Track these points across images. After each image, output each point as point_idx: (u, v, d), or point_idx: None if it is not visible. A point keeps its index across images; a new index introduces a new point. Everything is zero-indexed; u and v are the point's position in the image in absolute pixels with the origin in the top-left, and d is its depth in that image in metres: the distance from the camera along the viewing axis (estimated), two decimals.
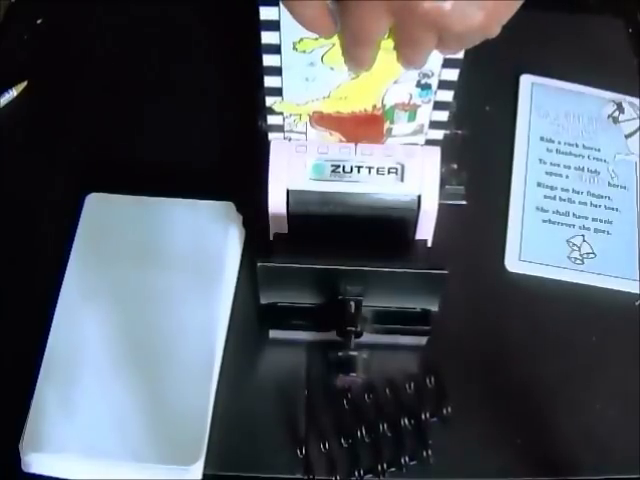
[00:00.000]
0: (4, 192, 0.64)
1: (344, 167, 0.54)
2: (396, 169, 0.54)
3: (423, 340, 0.57)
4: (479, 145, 0.65)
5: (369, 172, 0.54)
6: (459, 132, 0.58)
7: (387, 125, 0.52)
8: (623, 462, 0.54)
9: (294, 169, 0.53)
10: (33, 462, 0.51)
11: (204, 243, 0.59)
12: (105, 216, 0.60)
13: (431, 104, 0.51)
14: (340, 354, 0.52)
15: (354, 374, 0.52)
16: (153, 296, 0.57)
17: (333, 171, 0.54)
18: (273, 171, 0.53)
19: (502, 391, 0.56)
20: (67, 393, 0.53)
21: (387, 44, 0.43)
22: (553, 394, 0.56)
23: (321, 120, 0.52)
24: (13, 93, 0.69)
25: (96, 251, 0.58)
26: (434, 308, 0.55)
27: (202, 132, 0.67)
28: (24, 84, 0.69)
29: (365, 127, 0.52)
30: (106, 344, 0.55)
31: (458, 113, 0.55)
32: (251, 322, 0.58)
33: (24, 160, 0.66)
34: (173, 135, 0.67)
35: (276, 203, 0.54)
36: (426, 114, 0.52)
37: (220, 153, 0.66)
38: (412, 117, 0.52)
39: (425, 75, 0.49)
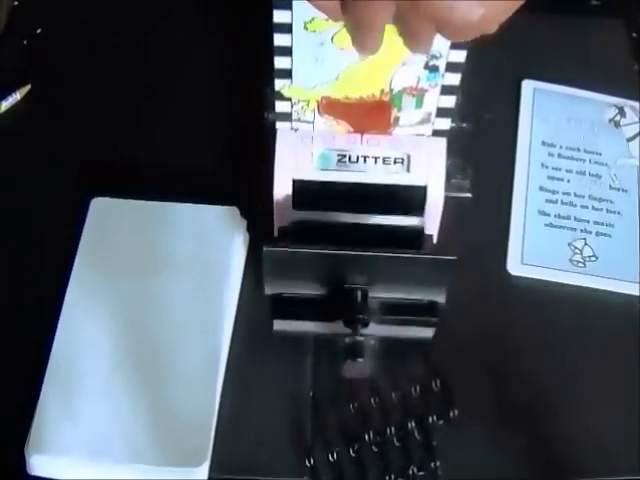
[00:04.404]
0: (9, 196, 0.64)
1: (350, 157, 0.54)
2: (402, 159, 0.54)
3: (430, 332, 0.56)
4: (481, 150, 0.65)
5: (375, 162, 0.53)
6: (464, 125, 0.57)
7: (395, 113, 0.52)
8: (625, 463, 0.54)
9: (300, 159, 0.53)
10: (38, 464, 0.51)
11: (208, 248, 0.59)
12: (110, 220, 0.60)
13: (438, 89, 0.51)
14: (347, 340, 0.51)
15: (361, 359, 0.51)
16: (157, 300, 0.57)
17: (339, 161, 0.54)
18: (279, 161, 0.53)
19: (505, 393, 0.56)
20: (72, 396, 0.53)
21: (395, 26, 0.43)
22: (556, 396, 0.56)
23: (329, 107, 0.52)
24: (16, 97, 0.69)
25: (101, 255, 0.59)
26: (441, 299, 0.54)
27: (206, 137, 0.67)
28: (27, 87, 0.70)
29: (373, 115, 0.52)
30: (111, 348, 0.55)
31: (462, 107, 0.55)
32: (255, 325, 0.58)
33: (29, 164, 0.66)
34: (177, 139, 0.67)
35: (282, 193, 0.53)
36: (433, 101, 0.52)
37: (225, 158, 0.66)
38: (419, 103, 0.52)
39: (433, 57, 0.49)
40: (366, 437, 0.53)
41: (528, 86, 0.71)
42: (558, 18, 0.74)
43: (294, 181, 0.53)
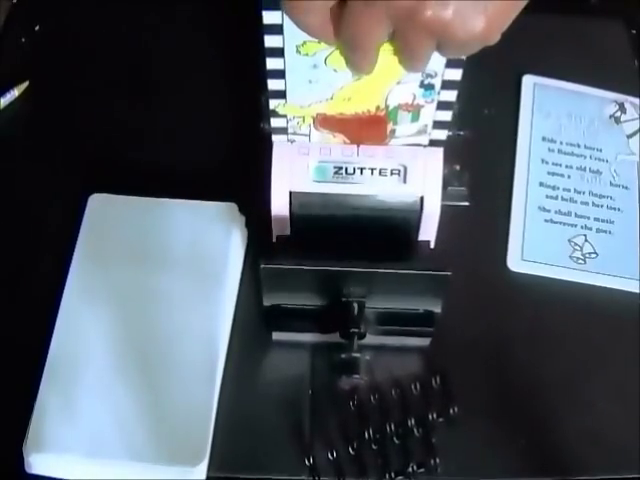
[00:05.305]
0: (7, 193, 0.64)
1: (347, 169, 0.54)
2: (399, 171, 0.54)
3: (426, 341, 0.57)
4: (481, 145, 0.65)
5: (371, 174, 0.54)
6: (461, 133, 0.58)
7: (390, 126, 0.52)
8: (625, 461, 0.54)
9: (297, 171, 0.53)
10: (36, 463, 0.51)
11: (207, 244, 0.59)
12: (108, 217, 0.60)
13: (434, 104, 0.51)
14: (343, 356, 0.52)
15: (357, 376, 0.52)
16: (156, 297, 0.57)
17: (335, 173, 0.54)
18: (276, 173, 0.53)
19: (505, 390, 0.56)
20: (70, 394, 0.53)
21: (390, 45, 0.43)
22: (556, 393, 0.56)
23: (324, 122, 0.52)
24: (15, 93, 0.69)
25: (99, 252, 0.58)
26: (437, 309, 0.55)
27: (205, 133, 0.67)
28: (26, 84, 0.69)
29: (368, 128, 0.52)
30: (109, 345, 0.55)
31: (460, 113, 0.55)
32: (254, 323, 0.58)
33: (27, 161, 0.66)
34: (176, 136, 0.67)
35: (279, 205, 0.54)
36: (429, 114, 0.52)
37: (223, 154, 0.66)
38: (415, 117, 0.52)
39: (428, 75, 0.49)
40: (366, 435, 0.53)
41: (529, 81, 0.71)
42: (559, 15, 0.73)
43: (291, 193, 0.53)
